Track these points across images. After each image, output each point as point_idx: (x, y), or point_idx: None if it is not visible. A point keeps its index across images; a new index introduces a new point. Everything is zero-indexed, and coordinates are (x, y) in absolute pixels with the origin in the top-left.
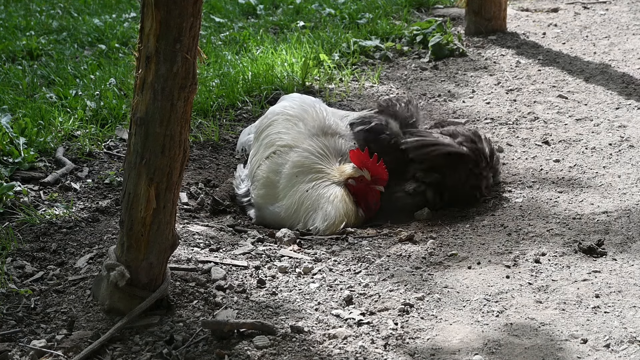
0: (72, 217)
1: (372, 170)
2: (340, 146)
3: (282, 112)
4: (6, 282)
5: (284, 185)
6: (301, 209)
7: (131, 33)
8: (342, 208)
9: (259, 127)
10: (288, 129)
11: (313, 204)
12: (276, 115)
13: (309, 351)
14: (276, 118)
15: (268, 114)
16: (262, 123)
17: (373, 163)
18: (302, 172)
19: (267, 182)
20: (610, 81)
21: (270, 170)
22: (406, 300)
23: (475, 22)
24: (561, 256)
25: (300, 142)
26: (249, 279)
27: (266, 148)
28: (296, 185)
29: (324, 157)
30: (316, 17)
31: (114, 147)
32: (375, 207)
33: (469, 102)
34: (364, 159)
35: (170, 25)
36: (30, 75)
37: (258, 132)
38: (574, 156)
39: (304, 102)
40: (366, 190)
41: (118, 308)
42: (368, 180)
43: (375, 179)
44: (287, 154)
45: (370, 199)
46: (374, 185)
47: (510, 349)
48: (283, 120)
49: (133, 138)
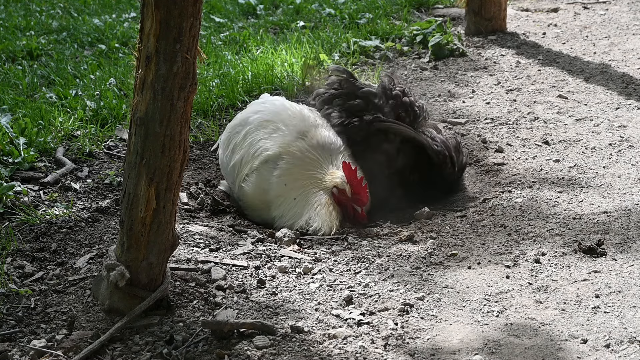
0: (72, 217)
1: (355, 188)
2: (329, 141)
3: (255, 119)
4: (6, 282)
5: (274, 197)
6: (288, 214)
7: (131, 33)
8: (325, 215)
9: (230, 136)
10: (269, 135)
11: (300, 210)
12: (249, 124)
13: (309, 351)
14: (250, 126)
15: (240, 122)
16: (235, 131)
17: (358, 182)
18: (291, 181)
19: (255, 202)
20: (610, 81)
21: (257, 186)
22: (406, 300)
23: (475, 22)
24: (561, 256)
25: (285, 147)
26: (249, 279)
27: (247, 161)
28: (286, 194)
29: (313, 160)
30: (316, 17)
31: (114, 147)
32: (360, 220)
33: (469, 102)
34: (350, 175)
35: (170, 25)
36: (30, 75)
37: (231, 142)
38: (574, 156)
39: (274, 103)
40: (346, 205)
41: (118, 308)
42: (348, 197)
43: (355, 198)
44: (275, 164)
45: (349, 214)
46: (352, 203)
47: (510, 349)
48: (259, 126)
49: (133, 138)
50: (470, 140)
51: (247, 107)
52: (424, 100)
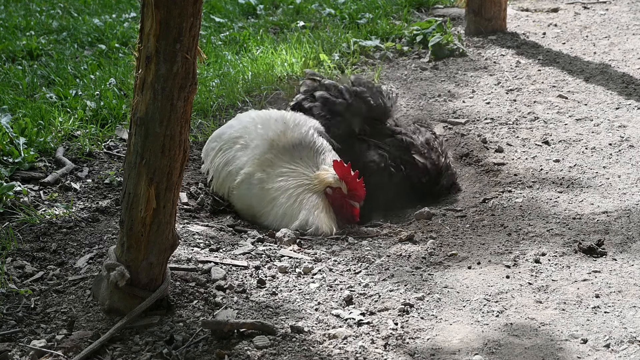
0: (72, 217)
1: (350, 184)
2: (306, 143)
3: (227, 136)
4: (6, 282)
5: (262, 208)
6: (283, 222)
7: (131, 33)
8: (323, 217)
9: (207, 152)
10: (243, 152)
11: (293, 213)
12: (222, 140)
13: (309, 351)
14: (222, 142)
15: (214, 138)
16: (210, 147)
17: (353, 178)
18: (280, 190)
19: (245, 212)
20: (610, 81)
21: (242, 202)
22: (406, 300)
23: (475, 22)
24: (561, 256)
25: (258, 163)
26: (249, 279)
27: (226, 180)
28: (276, 201)
29: (298, 167)
30: (316, 17)
31: (114, 147)
32: (353, 220)
33: (469, 102)
34: (344, 172)
35: (170, 25)
36: (30, 75)
37: (208, 157)
38: (574, 156)
39: (245, 120)
40: (342, 202)
41: (118, 308)
42: (344, 194)
43: (352, 194)
44: (250, 181)
45: (345, 212)
46: (349, 199)
47: (510, 349)
48: (231, 143)
49: (133, 138)
50: (470, 140)
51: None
52: (423, 100)
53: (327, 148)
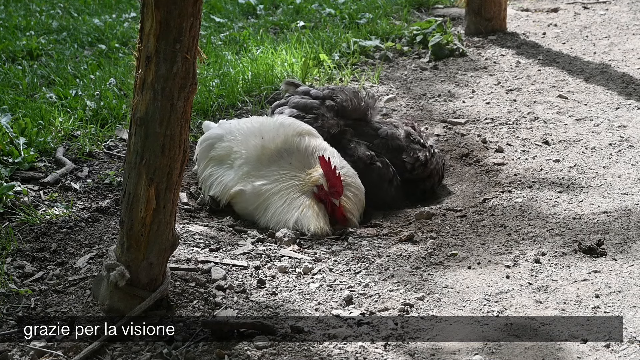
0: (72, 217)
1: (330, 180)
2: (291, 144)
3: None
4: (6, 282)
5: (258, 211)
6: (278, 225)
7: (131, 33)
8: (310, 216)
9: (198, 161)
10: (229, 169)
11: (285, 216)
12: (208, 156)
13: (309, 351)
14: (207, 159)
15: (205, 156)
16: (201, 157)
17: (333, 174)
18: (272, 195)
19: (242, 214)
20: (610, 81)
21: (238, 209)
22: (406, 300)
23: (475, 22)
24: (561, 256)
25: (246, 179)
26: (249, 279)
27: (218, 195)
28: (269, 204)
29: (289, 171)
30: (316, 17)
31: (114, 147)
32: (342, 222)
33: (469, 102)
34: (326, 168)
35: (170, 25)
36: (30, 75)
37: (199, 165)
38: (574, 156)
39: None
40: (327, 200)
41: (118, 308)
42: (325, 191)
43: (332, 191)
44: (243, 196)
45: (332, 212)
46: (330, 196)
47: (510, 349)
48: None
49: (133, 138)
50: (470, 140)
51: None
52: (423, 100)
53: (321, 147)
